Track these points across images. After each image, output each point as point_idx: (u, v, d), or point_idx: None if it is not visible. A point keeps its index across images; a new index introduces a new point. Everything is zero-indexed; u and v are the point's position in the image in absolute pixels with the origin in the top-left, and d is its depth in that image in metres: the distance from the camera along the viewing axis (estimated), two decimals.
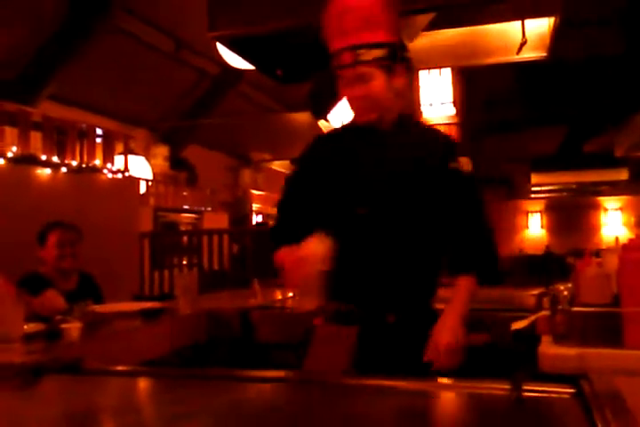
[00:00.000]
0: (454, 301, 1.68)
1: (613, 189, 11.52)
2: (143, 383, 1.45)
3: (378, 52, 1.65)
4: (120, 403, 1.26)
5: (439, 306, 1.74)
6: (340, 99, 1.73)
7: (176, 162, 8.76)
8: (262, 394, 1.28)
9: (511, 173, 11.39)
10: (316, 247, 1.54)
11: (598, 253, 1.82)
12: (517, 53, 4.90)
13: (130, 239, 5.17)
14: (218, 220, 9.26)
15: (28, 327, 1.91)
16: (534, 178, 10.88)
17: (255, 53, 3.04)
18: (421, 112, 6.49)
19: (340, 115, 6.29)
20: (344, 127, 1.88)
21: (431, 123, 6.42)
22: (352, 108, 1.77)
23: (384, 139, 1.76)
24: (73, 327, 2.04)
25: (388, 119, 1.75)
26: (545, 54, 5.19)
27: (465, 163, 1.73)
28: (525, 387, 1.07)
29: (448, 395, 1.21)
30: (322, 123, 5.97)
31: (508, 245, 12.49)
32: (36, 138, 4.33)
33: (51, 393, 1.34)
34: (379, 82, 1.67)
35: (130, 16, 5.35)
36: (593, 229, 13.05)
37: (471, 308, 2.44)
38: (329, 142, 1.87)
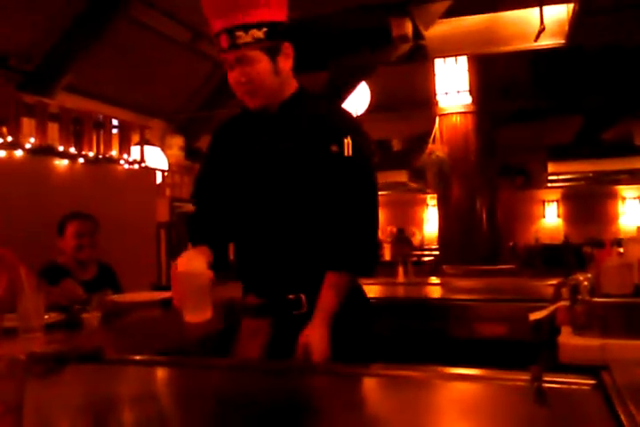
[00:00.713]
0: (320, 304, 1.57)
1: (632, 177, 11.37)
2: (162, 372, 1.47)
3: (257, 33, 1.51)
4: (139, 392, 1.27)
5: None
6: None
7: (191, 152, 8.77)
8: (278, 384, 1.28)
9: (528, 162, 11.28)
10: (191, 263, 1.49)
11: (619, 242, 1.79)
12: (535, 41, 4.84)
13: (147, 230, 5.19)
14: None
15: (49, 317, 1.93)
16: (551, 167, 10.77)
17: None
18: (437, 101, 6.45)
19: (356, 104, 6.26)
20: (241, 112, 1.77)
21: (446, 111, 6.38)
22: (237, 94, 1.63)
23: (268, 124, 1.67)
24: (92, 317, 2.06)
25: (274, 103, 1.64)
26: (563, 41, 5.12)
27: (348, 145, 1.59)
28: (545, 378, 1.06)
29: (468, 386, 1.21)
30: None
31: (524, 234, 12.40)
32: (53, 129, 4.35)
33: (72, 382, 1.36)
34: (261, 65, 1.55)
35: (147, 8, 5.35)
36: (610, 218, 12.91)
37: (488, 298, 2.44)
38: (226, 129, 1.80)
